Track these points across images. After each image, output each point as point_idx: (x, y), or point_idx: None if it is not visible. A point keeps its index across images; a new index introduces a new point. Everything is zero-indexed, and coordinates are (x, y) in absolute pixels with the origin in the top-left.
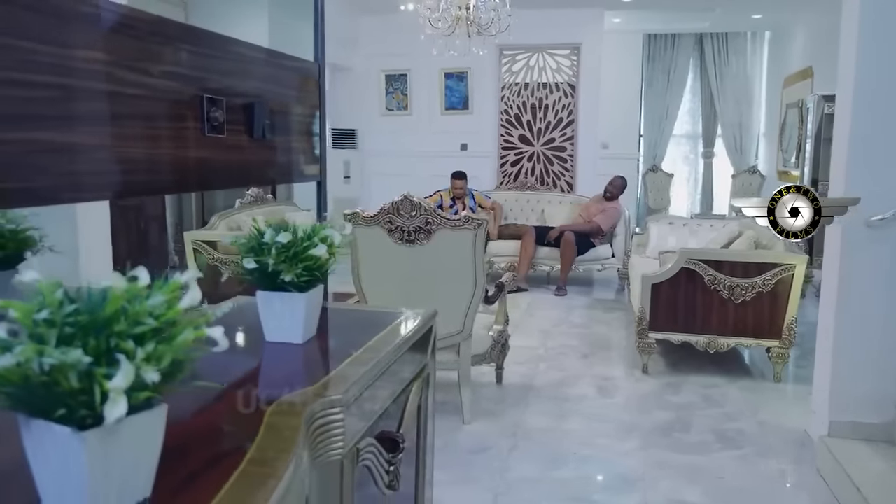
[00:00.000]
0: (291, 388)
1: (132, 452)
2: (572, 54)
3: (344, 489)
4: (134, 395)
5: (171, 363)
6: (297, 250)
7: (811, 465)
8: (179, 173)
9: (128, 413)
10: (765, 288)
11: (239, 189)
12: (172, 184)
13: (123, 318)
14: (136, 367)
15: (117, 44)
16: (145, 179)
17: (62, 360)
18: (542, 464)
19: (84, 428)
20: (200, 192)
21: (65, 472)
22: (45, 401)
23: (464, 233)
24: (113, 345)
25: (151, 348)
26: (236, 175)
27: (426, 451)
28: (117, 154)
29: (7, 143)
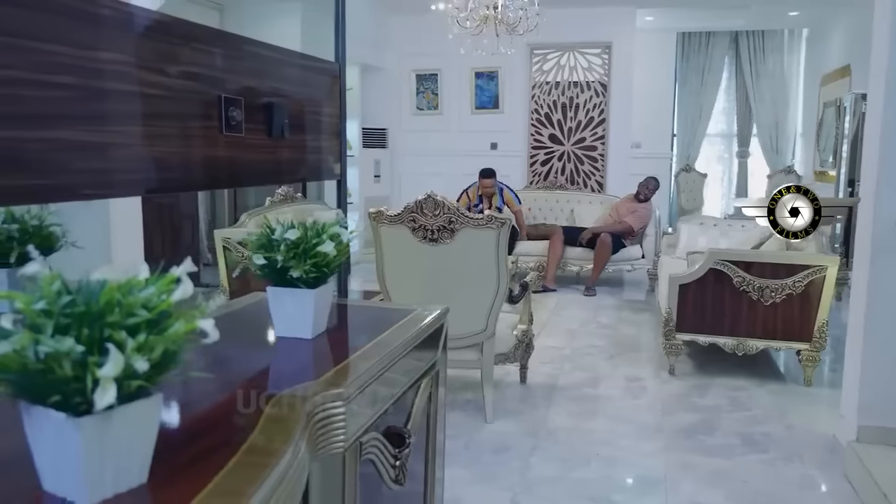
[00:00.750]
0: (296, 382)
1: (126, 439)
2: (603, 53)
3: (346, 482)
4: (125, 383)
5: (162, 354)
6: (305, 247)
7: (839, 471)
8: (197, 171)
9: (121, 401)
10: (795, 290)
11: (269, 188)
12: (190, 181)
13: (118, 309)
14: (126, 357)
15: (137, 45)
16: (162, 177)
17: (56, 348)
18: (562, 464)
19: (79, 414)
20: (233, 192)
21: (61, 456)
22: (41, 387)
23: (487, 232)
24: (106, 335)
25: (143, 339)
26: (254, 173)
27: (436, 447)
28: (137, 152)
29: (30, 142)
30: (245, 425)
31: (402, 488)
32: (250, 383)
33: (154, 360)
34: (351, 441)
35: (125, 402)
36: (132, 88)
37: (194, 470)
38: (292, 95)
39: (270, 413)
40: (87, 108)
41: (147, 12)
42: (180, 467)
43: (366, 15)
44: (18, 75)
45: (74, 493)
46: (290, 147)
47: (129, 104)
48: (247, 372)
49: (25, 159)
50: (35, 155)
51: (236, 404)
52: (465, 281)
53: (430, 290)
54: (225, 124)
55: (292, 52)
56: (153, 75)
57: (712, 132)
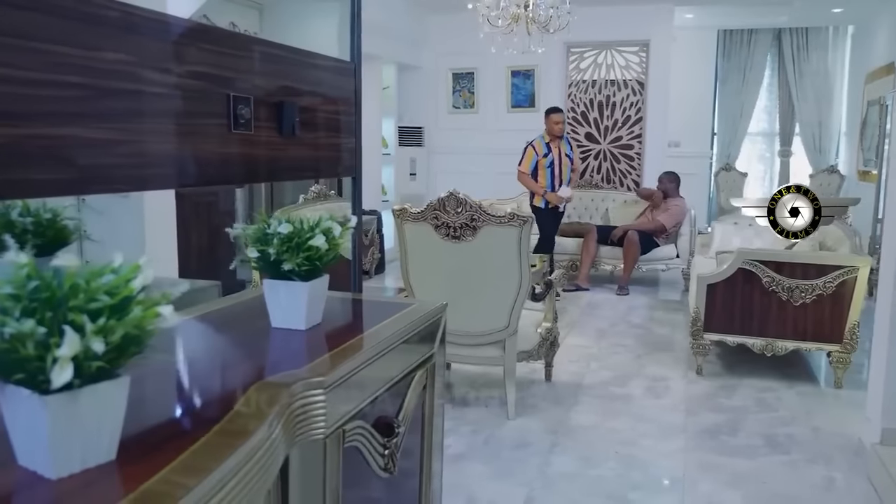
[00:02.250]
0: (281, 370)
1: (93, 418)
2: (641, 51)
3: (328, 468)
4: (85, 364)
5: (123, 337)
6: (298, 241)
7: (862, 474)
8: (203, 167)
9: (85, 382)
10: (826, 290)
11: (303, 186)
12: (197, 178)
13: (82, 294)
14: (86, 339)
15: (145, 46)
16: (167, 173)
17: (19, 329)
18: (581, 461)
19: (44, 392)
20: (270, 190)
21: (31, 432)
22: (8, 365)
23: (509, 230)
24: (69, 318)
25: (103, 322)
26: (264, 170)
27: (433, 439)
28: (142, 149)
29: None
30: (223, 409)
31: (396, 478)
32: (236, 370)
33: (114, 343)
34: (332, 428)
35: (89, 382)
36: (138, 87)
37: (165, 448)
38: (304, 94)
39: (248, 398)
40: (92, 106)
41: (157, 15)
42: (151, 446)
43: (403, 14)
44: (29, 76)
45: (43, 467)
46: (301, 145)
47: (134, 102)
48: (236, 360)
49: (33, 155)
50: (41, 151)
51: (219, 390)
52: (487, 278)
53: (452, 286)
54: (233, 122)
55: (305, 51)
56: (159, 74)
57: (753, 131)
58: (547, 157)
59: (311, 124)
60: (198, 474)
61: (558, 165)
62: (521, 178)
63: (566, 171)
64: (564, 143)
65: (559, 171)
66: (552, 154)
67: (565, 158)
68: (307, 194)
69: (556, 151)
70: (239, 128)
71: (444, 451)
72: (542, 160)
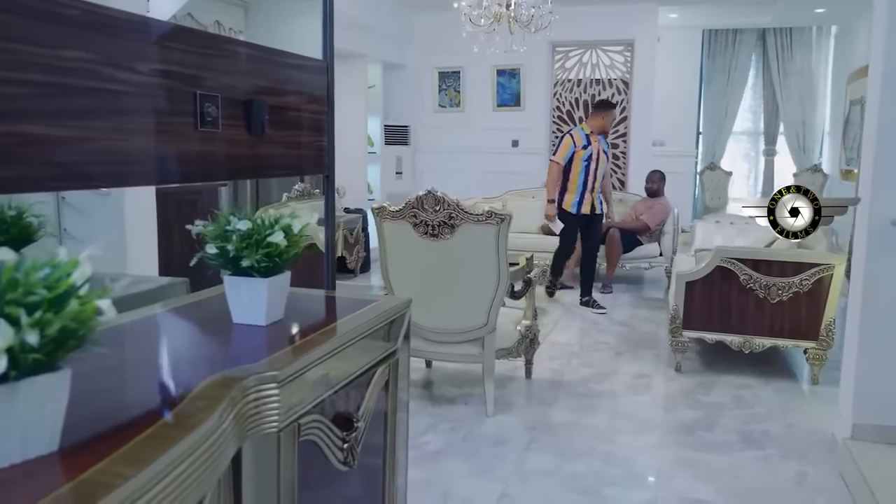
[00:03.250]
0: (237, 365)
1: (34, 410)
2: (626, 50)
3: (282, 461)
4: (21, 356)
5: (60, 330)
6: (258, 237)
7: (834, 469)
8: (167, 164)
9: (24, 375)
10: (802, 288)
11: (288, 185)
12: (160, 174)
13: (21, 288)
14: (21, 332)
15: (107, 44)
16: (128, 170)
17: None
18: (557, 457)
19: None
20: (255, 188)
21: None
22: None
23: (487, 228)
24: (5, 312)
25: (39, 315)
26: (234, 168)
27: (396, 434)
28: (102, 146)
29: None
30: (173, 402)
31: (359, 473)
32: (192, 365)
33: (51, 336)
34: (287, 422)
35: (28, 374)
36: (100, 85)
37: (110, 440)
38: (274, 92)
39: (199, 392)
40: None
41: (120, 13)
42: (97, 438)
43: (389, 12)
44: None
45: None
46: (271, 143)
47: (96, 100)
48: (193, 354)
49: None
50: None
51: (171, 383)
52: (465, 276)
53: (431, 284)
54: (199, 120)
55: (275, 50)
56: (122, 72)
57: (738, 130)
58: (586, 149)
59: (281, 122)
60: (138, 465)
61: (595, 161)
62: (551, 170)
63: (602, 169)
64: (603, 141)
65: (595, 168)
66: (591, 148)
67: (602, 155)
68: (290, 193)
69: (596, 146)
70: (205, 126)
71: (422, 448)
72: (580, 152)
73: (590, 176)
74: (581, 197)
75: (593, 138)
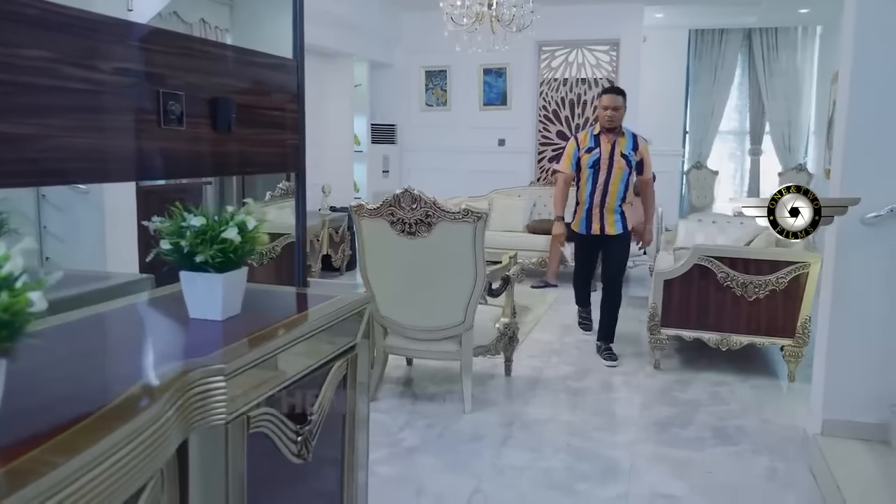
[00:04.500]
0: (188, 358)
1: None
2: (611, 50)
3: (230, 453)
4: None
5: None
6: (212, 234)
7: (805, 464)
8: (128, 162)
9: None
10: (779, 286)
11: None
12: (122, 171)
13: None
14: None
15: (66, 42)
16: (93, 167)
17: None
18: (532, 453)
19: None
20: (241, 186)
21: None
22: None
23: (463, 226)
24: None
25: None
26: (199, 165)
27: (356, 427)
28: (66, 143)
29: None
30: (116, 394)
31: (316, 466)
32: (143, 358)
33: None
34: (235, 414)
35: None
36: (59, 83)
37: (47, 431)
38: (242, 91)
39: (144, 384)
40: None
41: (78, 12)
42: (35, 428)
43: (375, 11)
44: None
45: None
46: (239, 141)
47: (55, 98)
48: (146, 348)
49: None
50: None
51: (118, 376)
52: (442, 273)
53: (409, 282)
54: (163, 118)
55: (243, 49)
56: (82, 70)
57: (725, 129)
58: (591, 152)
59: (249, 121)
60: (69, 453)
61: (606, 168)
62: (557, 182)
63: (619, 179)
64: (627, 139)
65: (606, 177)
66: (599, 150)
67: (619, 160)
68: (274, 191)
69: (607, 148)
70: (169, 123)
71: (398, 444)
72: (585, 156)
73: (597, 186)
74: (587, 213)
75: (604, 138)
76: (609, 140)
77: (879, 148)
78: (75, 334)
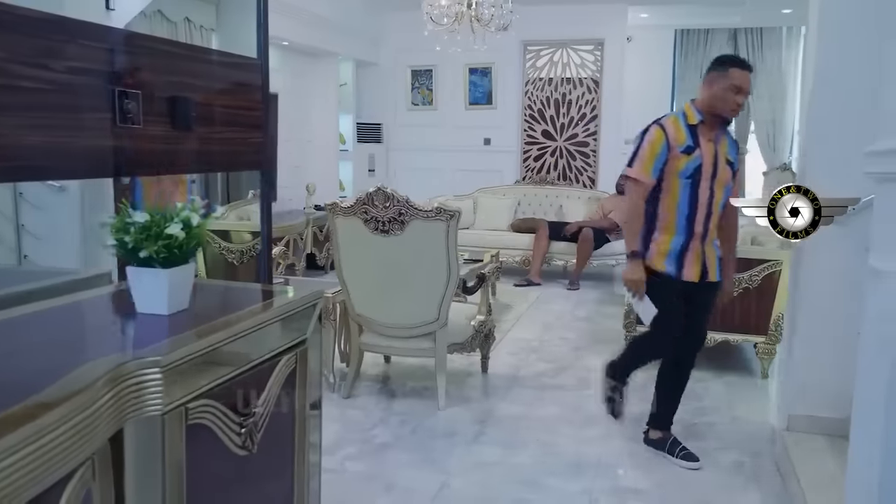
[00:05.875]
0: (127, 350)
1: None
2: (596, 49)
3: (167, 443)
4: None
5: None
6: (157, 230)
7: (770, 459)
8: (83, 159)
9: None
10: (752, 283)
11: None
12: (76, 169)
13: None
14: None
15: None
16: (45, 165)
17: None
18: (503, 449)
19: None
20: (226, 185)
21: None
22: None
23: (436, 224)
24: None
25: None
26: (158, 162)
27: (306, 421)
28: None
29: None
30: (47, 384)
31: (265, 458)
32: (82, 351)
33: None
34: (172, 405)
35: None
36: (9, 82)
37: None
38: (203, 90)
39: (74, 375)
40: None
41: (30, 12)
42: None
43: (361, 11)
44: None
45: None
46: (200, 139)
47: (5, 97)
48: (88, 341)
49: None
50: None
51: (54, 368)
52: (416, 271)
53: (383, 279)
54: (119, 116)
55: (204, 48)
56: (34, 70)
57: None
58: (691, 155)
59: (211, 119)
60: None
61: (709, 175)
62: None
63: (721, 192)
64: (727, 139)
65: (709, 193)
66: (700, 152)
67: (724, 169)
68: (256, 189)
69: (709, 150)
70: (126, 122)
71: (371, 441)
72: (680, 160)
73: (698, 206)
74: (682, 248)
75: (705, 131)
76: (711, 138)
77: (840, 148)
78: (18, 329)
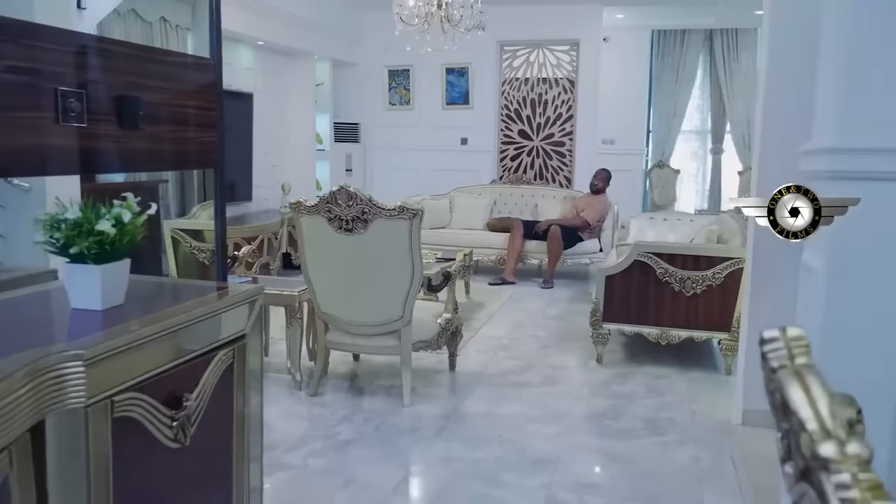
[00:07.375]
0: (52, 344)
1: None
2: (571, 50)
3: (91, 434)
4: None
5: None
6: (88, 227)
7: (726, 453)
8: (21, 158)
9: None
10: (715, 281)
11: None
12: (14, 168)
13: None
14: None
15: None
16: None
17: None
18: (464, 445)
19: None
20: (203, 184)
21: None
22: None
23: (399, 222)
24: None
25: None
26: (104, 161)
27: (245, 417)
28: None
29: None
30: None
31: (200, 451)
32: (8, 345)
33: None
34: (97, 398)
35: None
36: None
37: None
38: (152, 89)
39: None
40: None
41: None
42: None
43: (339, 10)
44: None
45: None
46: (149, 138)
47: None
48: (16, 335)
49: None
50: None
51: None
52: (380, 270)
53: (347, 278)
54: (61, 115)
55: (154, 48)
56: None
57: (687, 129)
58: None
59: (161, 118)
60: None
61: None
62: None
63: None
64: None
65: None
66: None
67: None
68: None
69: None
70: (69, 120)
71: (334, 437)
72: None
73: None
74: None
75: None
76: None
77: (792, 147)
78: None
